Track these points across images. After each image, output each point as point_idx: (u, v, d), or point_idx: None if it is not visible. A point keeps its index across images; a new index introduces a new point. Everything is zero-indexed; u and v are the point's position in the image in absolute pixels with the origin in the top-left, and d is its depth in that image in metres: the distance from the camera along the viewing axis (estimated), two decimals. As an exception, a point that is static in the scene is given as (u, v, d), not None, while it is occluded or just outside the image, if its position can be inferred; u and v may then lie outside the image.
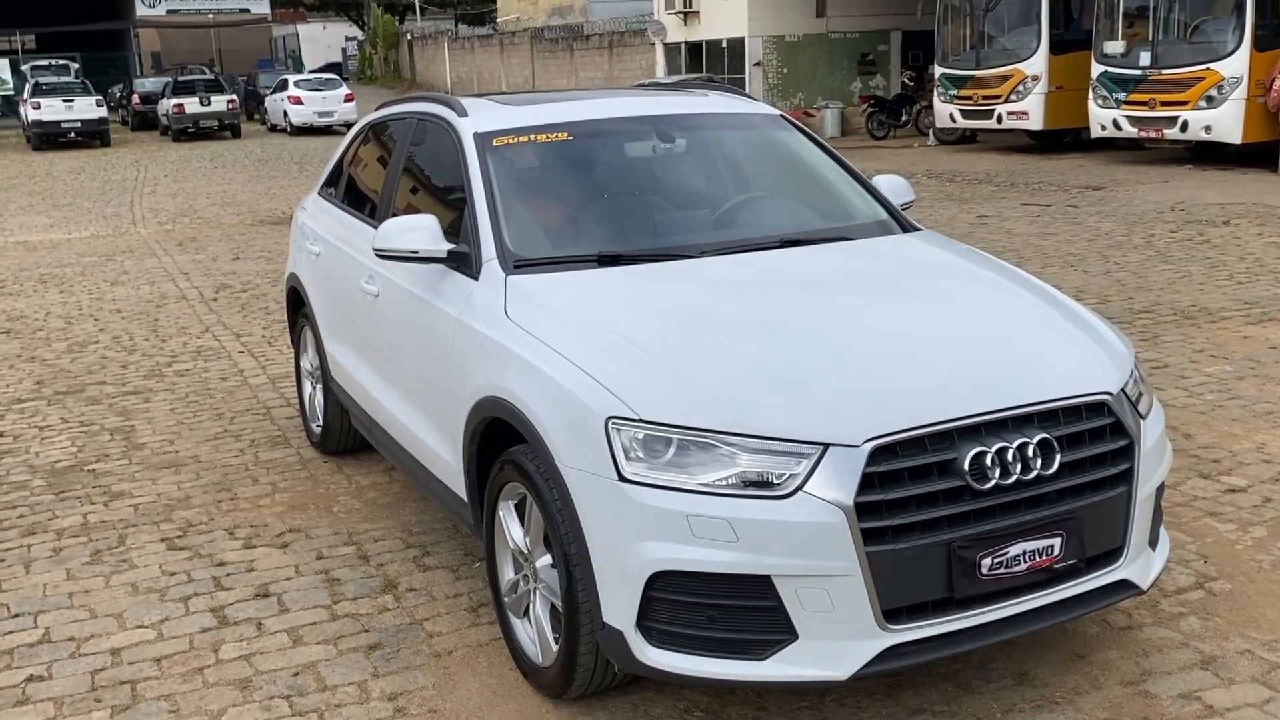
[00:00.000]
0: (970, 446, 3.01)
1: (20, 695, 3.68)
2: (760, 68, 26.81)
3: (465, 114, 4.43)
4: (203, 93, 31.80)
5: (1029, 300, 3.74)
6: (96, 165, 26.20)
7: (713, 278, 3.78)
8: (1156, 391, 6.35)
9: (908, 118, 24.99)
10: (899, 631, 2.97)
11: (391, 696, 3.58)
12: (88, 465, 5.95)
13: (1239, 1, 15.77)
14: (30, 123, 30.52)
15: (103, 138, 31.06)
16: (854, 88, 27.54)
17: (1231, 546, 4.43)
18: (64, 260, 13.40)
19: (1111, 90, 17.44)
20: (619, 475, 3.02)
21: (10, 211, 18.57)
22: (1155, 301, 8.61)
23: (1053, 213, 13.50)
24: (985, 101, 20.22)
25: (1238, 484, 5.03)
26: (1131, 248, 10.94)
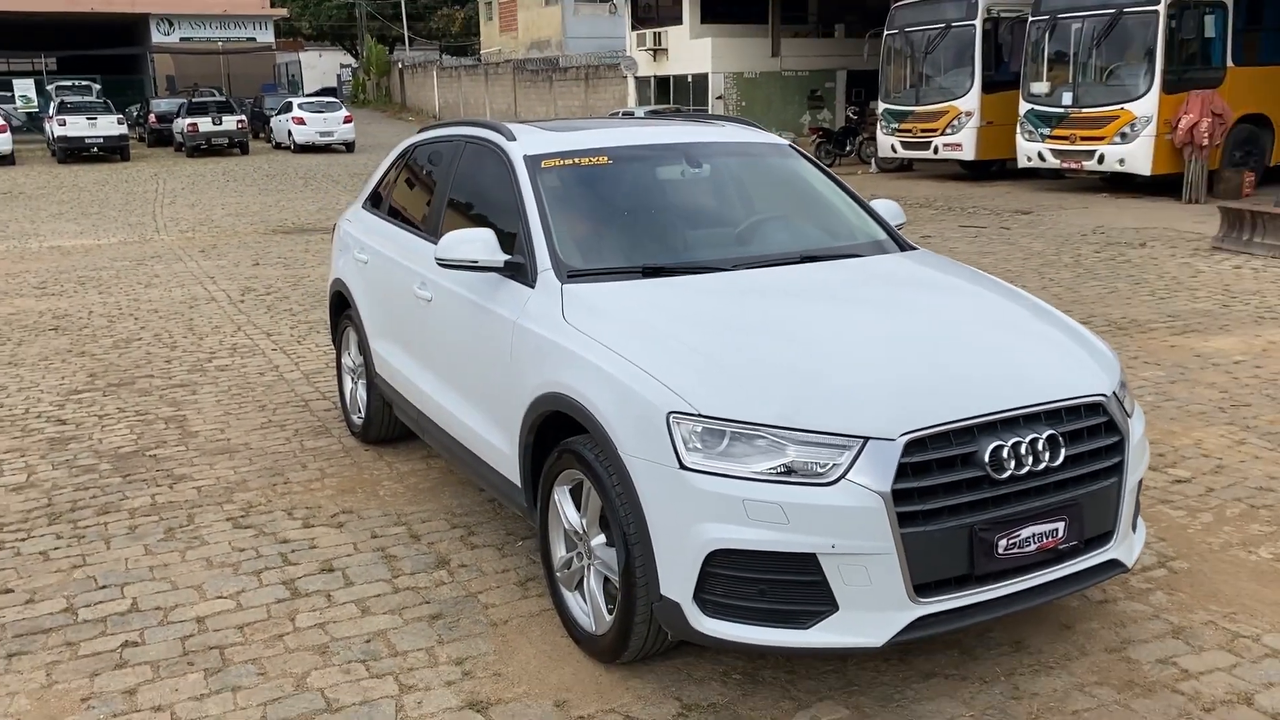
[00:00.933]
0: (990, 441, 3.06)
1: (119, 659, 3.63)
2: (722, 100, 26.90)
3: (514, 138, 4.43)
4: (215, 113, 31.39)
5: (1027, 311, 3.81)
6: (119, 178, 25.79)
7: (747, 288, 3.81)
8: (1102, 393, 6.47)
9: (852, 148, 25.14)
10: (927, 604, 3.02)
11: (459, 661, 3.58)
12: (148, 451, 5.87)
13: (1149, 49, 16.04)
14: (56, 138, 29.97)
15: (123, 153, 30.56)
16: (804, 120, 27.69)
17: (1184, 530, 4.52)
18: (98, 264, 13.19)
19: (1037, 126, 17.67)
20: (680, 464, 3.04)
21: (42, 219, 18.24)
22: (1090, 314, 8.75)
23: (988, 234, 13.66)
24: (923, 134, 20.40)
25: (1183, 475, 5.13)
26: (1062, 265, 11.10)
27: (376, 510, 4.93)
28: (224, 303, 10.41)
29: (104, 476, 5.48)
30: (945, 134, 19.98)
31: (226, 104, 32.67)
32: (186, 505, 5.04)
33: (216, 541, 4.59)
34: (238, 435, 6.12)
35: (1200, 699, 3.29)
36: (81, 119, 29.72)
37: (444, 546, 4.48)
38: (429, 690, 3.40)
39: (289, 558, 4.40)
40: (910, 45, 20.82)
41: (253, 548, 4.51)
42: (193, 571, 4.30)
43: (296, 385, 7.21)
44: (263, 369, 7.69)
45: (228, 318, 9.67)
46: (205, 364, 7.88)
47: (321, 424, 6.30)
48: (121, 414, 6.61)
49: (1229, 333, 7.95)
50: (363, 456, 5.70)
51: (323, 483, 5.32)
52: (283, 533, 4.68)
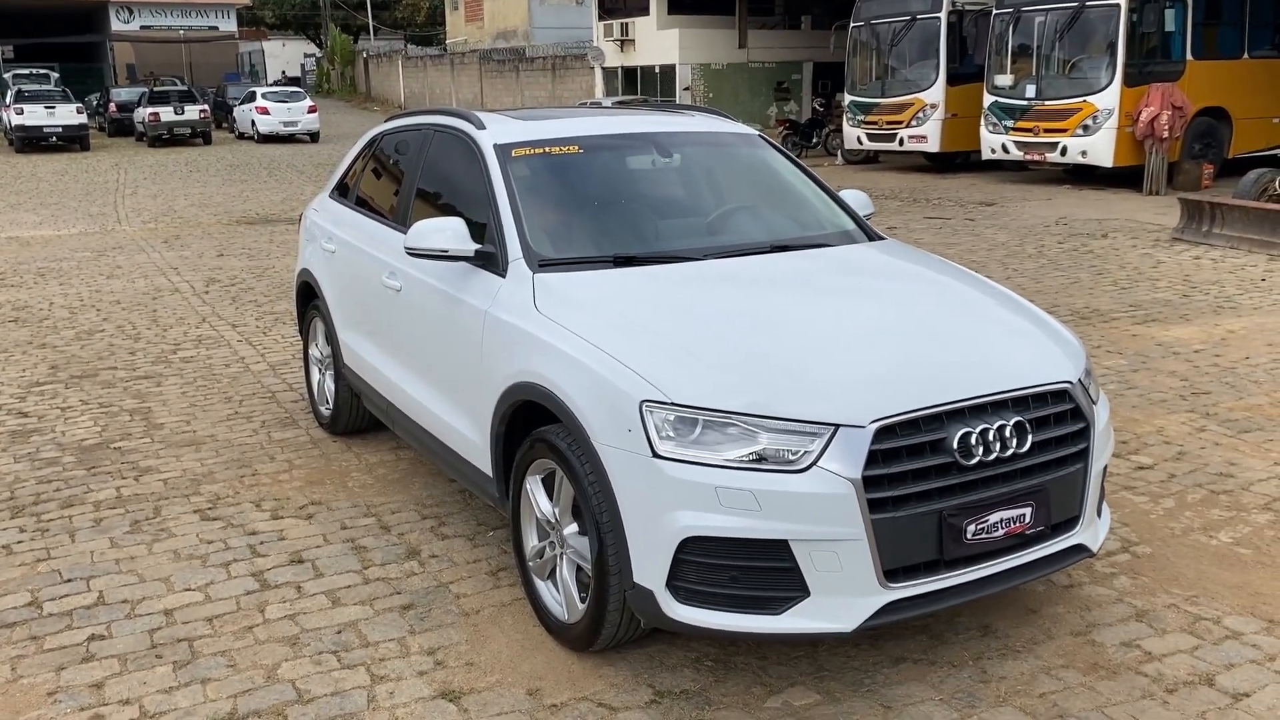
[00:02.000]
0: (958, 427, 3.09)
1: (85, 653, 3.59)
2: (689, 92, 26.90)
3: (484, 127, 4.40)
4: (177, 102, 30.94)
5: (994, 300, 3.85)
6: (78, 168, 25.39)
7: (718, 277, 3.82)
8: (1065, 382, 6.55)
9: (818, 140, 25.20)
10: (897, 589, 3.05)
11: (430, 651, 3.57)
12: (113, 443, 5.80)
13: (1111, 43, 16.22)
14: (13, 127, 29.42)
15: (82, 142, 30.08)
16: (771, 112, 27.76)
17: (1147, 516, 4.59)
18: (58, 255, 12.98)
19: (1001, 118, 17.82)
20: (653, 452, 3.04)
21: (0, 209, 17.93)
22: (1053, 304, 8.84)
23: (953, 225, 13.76)
24: (889, 126, 20.51)
25: (1145, 462, 5.21)
26: (1026, 256, 11.21)
27: (345, 502, 4.90)
28: (188, 294, 10.29)
29: (68, 469, 5.40)
30: (911, 126, 20.09)
31: (189, 93, 32.23)
32: (153, 498, 4.98)
33: (184, 534, 4.55)
34: (204, 427, 6.06)
35: (1163, 680, 3.34)
36: (39, 108, 29.21)
37: (414, 537, 4.46)
38: (401, 680, 3.39)
39: (258, 549, 4.37)
40: (876, 38, 20.91)
41: (221, 540, 4.47)
42: (160, 564, 4.25)
43: (263, 377, 7.15)
44: (228, 360, 7.62)
45: (192, 309, 9.56)
46: (170, 355, 7.79)
47: (289, 415, 6.25)
48: (85, 406, 6.52)
49: (1189, 322, 8.06)
50: (331, 448, 5.66)
51: (291, 474, 5.28)
52: (251, 524, 4.64)
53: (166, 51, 45.32)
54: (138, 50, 45.10)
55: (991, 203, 15.92)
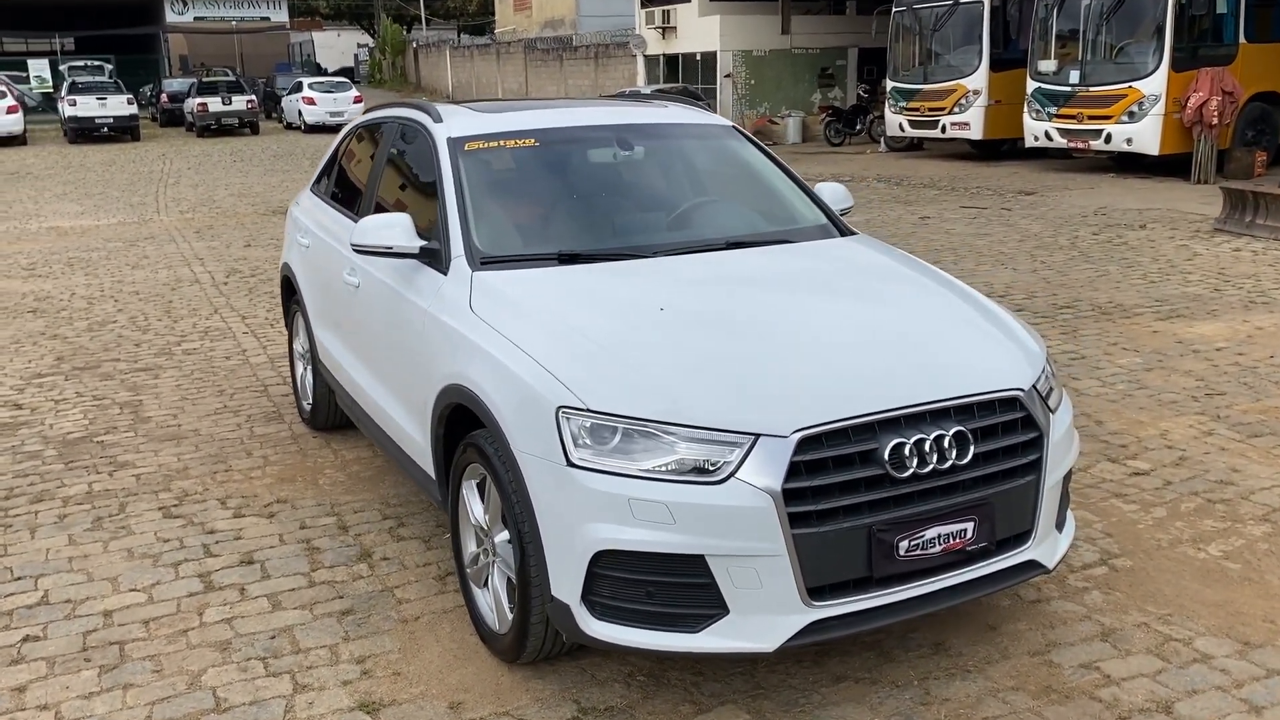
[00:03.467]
0: (890, 438, 2.93)
1: (15, 655, 3.56)
2: (730, 79, 26.61)
3: (440, 120, 4.30)
4: (225, 93, 31.35)
5: (950, 301, 3.65)
6: (126, 158, 25.82)
7: (662, 276, 3.68)
8: (1073, 382, 6.30)
9: (862, 126, 24.89)
10: (822, 607, 2.89)
11: (360, 659, 3.48)
12: (97, 437, 5.81)
13: (1159, 26, 15.70)
14: (67, 118, 30.04)
15: (133, 133, 30.60)
16: (814, 99, 27.37)
17: (1134, 526, 4.37)
18: (91, 245, 13.16)
19: (1044, 105, 17.36)
20: (567, 461, 2.92)
21: (46, 199, 18.26)
22: (1076, 298, 8.55)
23: (988, 215, 13.43)
24: (931, 113, 20.12)
25: (1142, 468, 4.97)
26: (1057, 248, 10.88)
27: (312, 500, 4.84)
28: (207, 285, 10.35)
29: (46, 463, 5.42)
30: (953, 113, 19.69)
31: (237, 84, 32.64)
32: (121, 494, 4.97)
33: (143, 532, 4.52)
34: (189, 421, 6.05)
35: (1118, 706, 3.15)
36: (92, 99, 29.77)
37: (370, 539, 4.39)
38: (323, 690, 3.31)
39: (211, 549, 4.32)
40: (919, 22, 20.51)
41: (178, 539, 4.44)
42: (112, 563, 4.22)
43: (260, 370, 7.14)
44: (230, 353, 7.62)
45: (207, 300, 9.61)
46: (174, 348, 7.82)
47: (276, 410, 6.22)
48: (79, 399, 6.55)
49: (1216, 318, 7.74)
50: (310, 444, 5.62)
51: (264, 471, 5.24)
52: (212, 523, 4.60)
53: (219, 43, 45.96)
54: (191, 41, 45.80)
55: (1031, 191, 15.52)
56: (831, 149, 24.47)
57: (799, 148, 25.18)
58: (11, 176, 22.14)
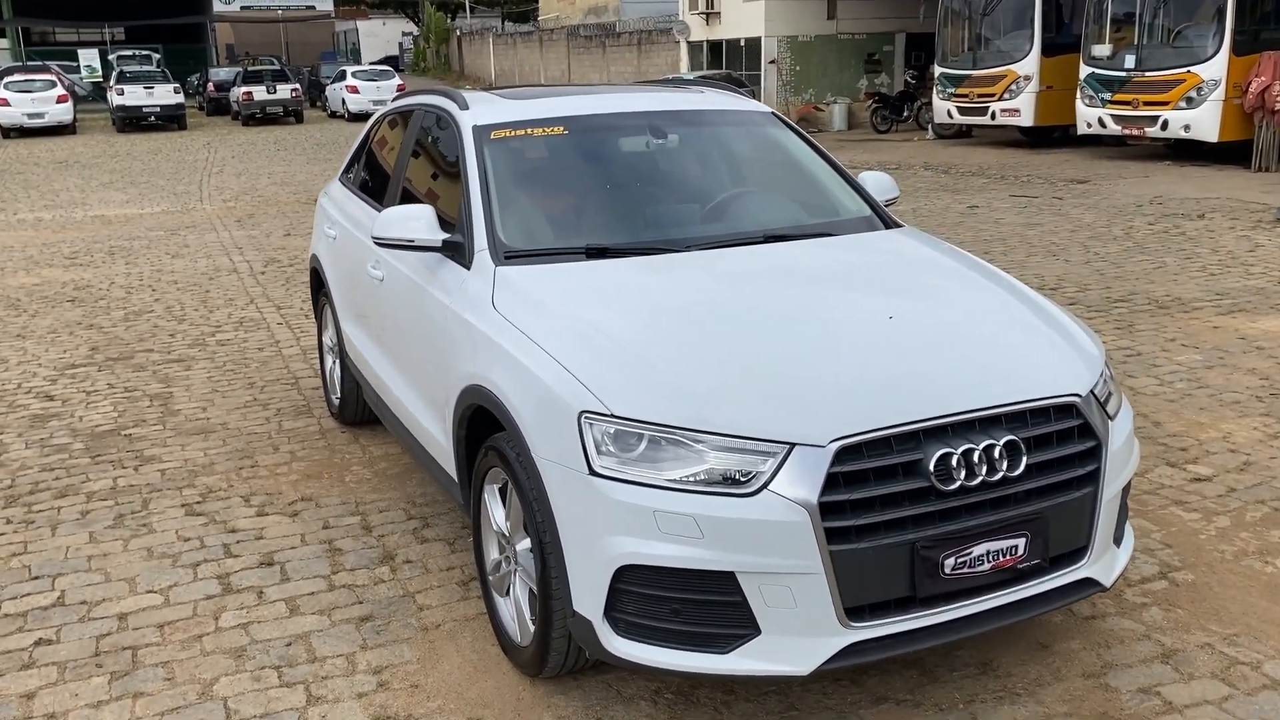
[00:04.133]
0: (936, 448, 2.72)
1: (27, 659, 3.47)
2: (775, 65, 26.26)
3: (466, 107, 4.14)
4: (270, 81, 31.52)
5: (1003, 299, 3.43)
6: (172, 146, 26.03)
7: (695, 272, 3.49)
8: (1129, 380, 6.03)
9: (909, 113, 24.46)
10: (860, 629, 2.70)
11: (377, 670, 3.35)
12: (125, 430, 5.74)
13: (1219, 8, 15.19)
14: (115, 107, 30.36)
15: (179, 121, 30.87)
16: (860, 85, 26.95)
17: (1195, 536, 4.12)
18: (134, 234, 13.21)
19: (1098, 90, 16.90)
20: (590, 469, 2.75)
21: (93, 188, 18.42)
22: (1131, 291, 8.24)
23: (1039, 204, 13.06)
24: (980, 99, 19.69)
25: (1203, 473, 4.71)
26: (1111, 239, 10.53)
27: (337, 498, 4.72)
28: (245, 274, 10.32)
29: (73, 457, 5.35)
30: (1003, 99, 19.25)
31: (282, 72, 32.80)
32: (146, 489, 4.88)
33: (164, 530, 4.42)
34: (218, 414, 5.97)
35: (1180, 737, 2.94)
36: (139, 88, 30.06)
37: (394, 540, 4.26)
38: (337, 702, 3.18)
39: (231, 549, 4.22)
40: (968, 6, 20.07)
41: (198, 537, 4.34)
42: (131, 563, 4.13)
43: (292, 362, 7.05)
44: (263, 344, 7.55)
45: (244, 289, 9.56)
46: (208, 338, 7.76)
47: (306, 403, 6.12)
48: (110, 390, 6.50)
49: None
50: (338, 439, 5.51)
51: (290, 467, 5.14)
52: (234, 521, 4.49)
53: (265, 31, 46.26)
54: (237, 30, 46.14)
55: (1083, 180, 15.10)
56: (878, 136, 24.08)
57: (844, 135, 24.80)
58: (60, 165, 22.40)
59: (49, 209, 15.85)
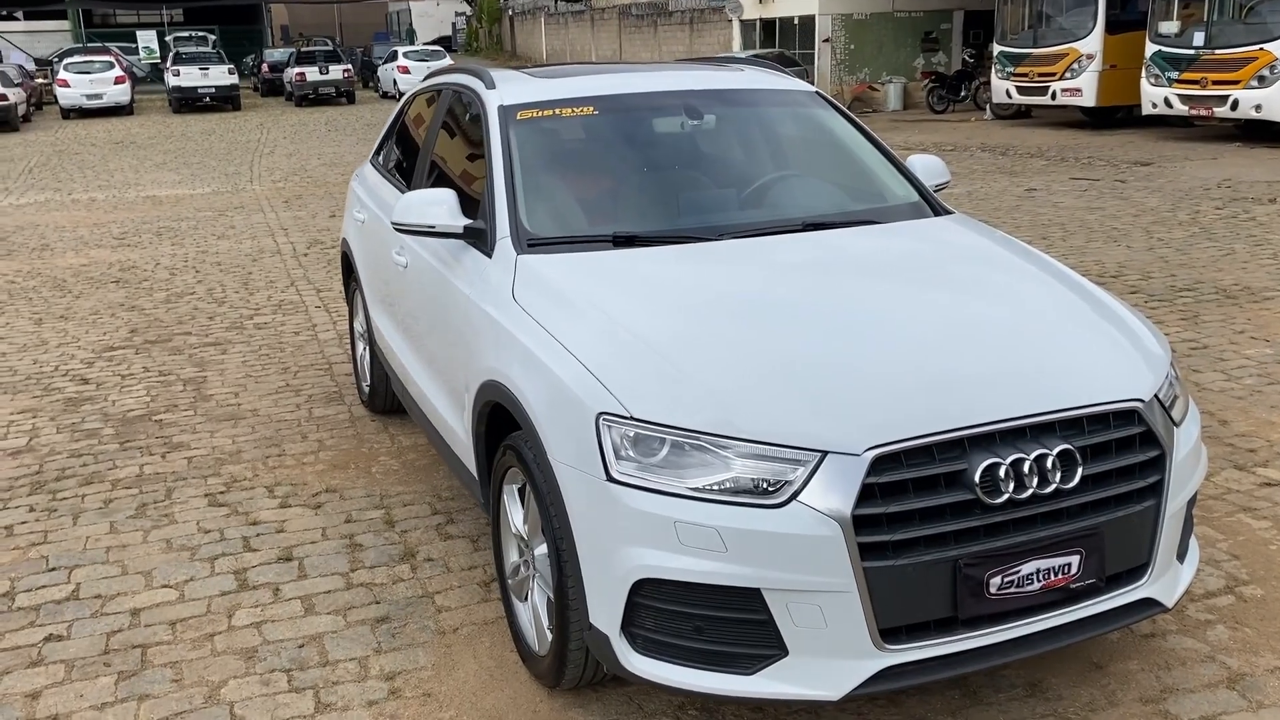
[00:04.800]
0: (983, 457, 2.51)
1: (36, 655, 3.37)
2: (829, 44, 25.77)
3: (493, 86, 3.97)
4: (322, 62, 31.63)
5: (1060, 294, 3.18)
6: (226, 127, 26.21)
7: (728, 262, 3.29)
8: (1193, 375, 5.71)
9: (967, 93, 23.89)
10: (897, 652, 2.50)
11: (389, 676, 3.21)
12: (156, 415, 5.68)
13: (1296, -17, 14.56)
14: (171, 88, 30.68)
15: (234, 102, 31.10)
16: (917, 64, 26.36)
17: (1265, 547, 3.85)
18: (182, 215, 13.25)
19: (1164, 69, 16.31)
20: (607, 475, 2.57)
21: (146, 168, 18.57)
22: (1197, 279, 7.87)
23: (1100, 187, 12.61)
24: (1040, 79, 19.12)
25: (1274, 477, 4.42)
26: (1176, 224, 10.11)
27: (361, 490, 4.60)
28: (288, 256, 10.27)
29: (103, 443, 5.29)
30: (1064, 78, 18.68)
31: (334, 53, 32.91)
32: (171, 478, 4.80)
33: (185, 520, 4.33)
34: (250, 400, 5.88)
35: (1248, 773, 2.70)
36: (194, 69, 30.31)
37: (416, 536, 4.12)
38: (346, 710, 3.04)
39: (251, 543, 4.10)
40: (1030, -18, 19.49)
41: (219, 529, 4.23)
42: (149, 555, 4.03)
43: (327, 347, 6.96)
44: (299, 328, 7.47)
45: (285, 272, 9.51)
46: (246, 321, 7.70)
47: (338, 390, 6.02)
48: (145, 374, 6.45)
49: (1358, 304, 7.01)
50: (367, 428, 5.39)
51: (317, 456, 5.02)
52: (256, 513, 4.39)
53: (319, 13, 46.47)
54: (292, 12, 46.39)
55: (1148, 162, 14.57)
56: (934, 117, 23.53)
57: (900, 115, 24.29)
58: (117, 146, 22.63)
59: (103, 189, 15.99)
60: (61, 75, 29.27)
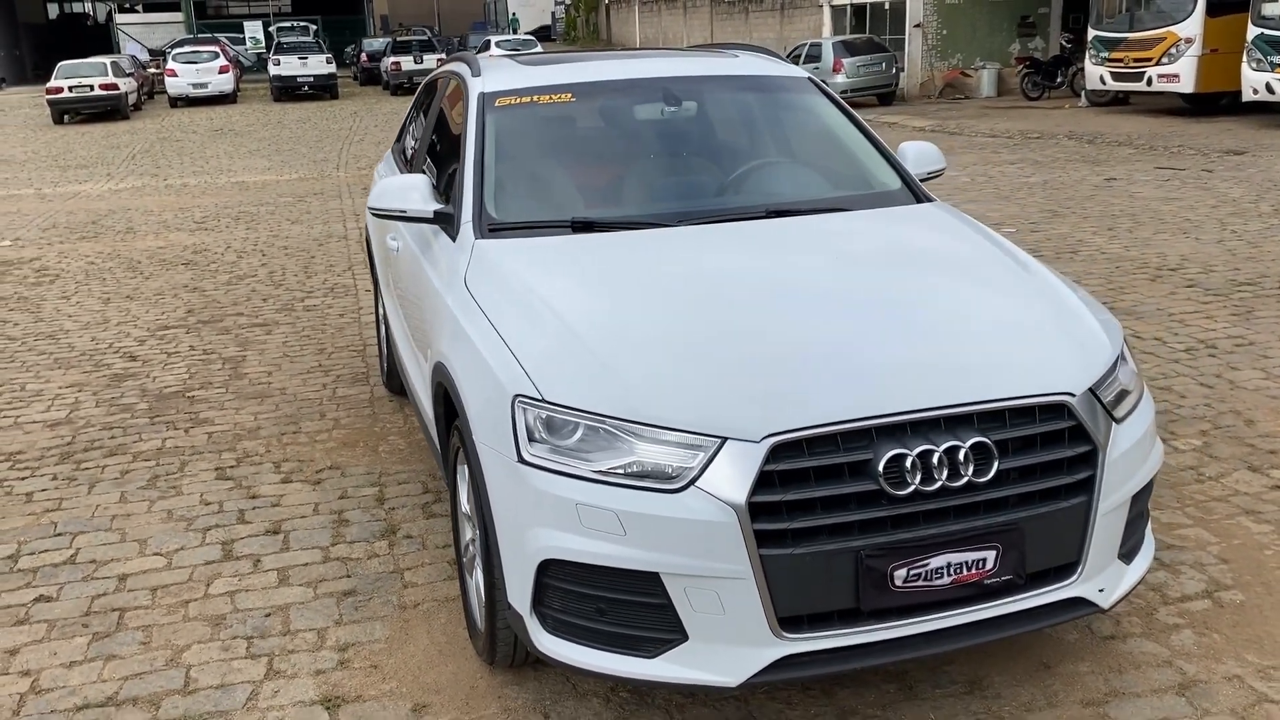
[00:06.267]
0: (889, 447, 2.47)
1: (23, 615, 3.57)
2: (920, 29, 25.24)
3: (478, 74, 4.03)
4: (416, 52, 32.24)
5: (1006, 287, 3.10)
6: (321, 116, 26.92)
7: (675, 249, 3.29)
8: (1230, 371, 5.49)
9: (1063, 79, 23.12)
10: (796, 641, 2.49)
11: (343, 647, 3.31)
12: (190, 392, 5.91)
13: None
14: (272, 77, 31.62)
15: (331, 91, 31.90)
16: (1012, 49, 25.63)
17: (1260, 551, 3.69)
18: (264, 200, 13.69)
19: (1267, 53, 15.56)
20: (519, 456, 2.62)
21: (240, 155, 19.22)
22: (1262, 274, 7.52)
23: (1184, 177, 12.12)
24: (1136, 64, 18.41)
25: (1288, 480, 4.23)
26: (1255, 216, 9.66)
27: (363, 468, 4.72)
28: (352, 241, 10.54)
29: (135, 417, 5.54)
30: (1161, 64, 17.96)
31: (429, 43, 33.51)
32: (188, 451, 5.00)
33: (190, 492, 4.52)
34: (280, 379, 6.08)
35: (1175, 782, 2.61)
36: (294, 59, 31.19)
37: (401, 514, 4.22)
38: (294, 679, 3.15)
39: (245, 515, 4.26)
40: (1127, -36, 18.78)
41: (218, 502, 4.40)
42: (149, 524, 4.22)
43: (366, 329, 7.14)
44: (345, 311, 7.68)
45: (346, 256, 9.76)
46: (297, 304, 7.95)
47: (365, 371, 6.18)
48: (191, 352, 6.71)
49: None
50: (384, 408, 5.52)
51: (330, 434, 5.18)
52: (258, 487, 4.55)
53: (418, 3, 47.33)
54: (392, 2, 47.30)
55: (1241, 151, 13.94)
56: (1028, 103, 22.86)
57: (992, 102, 23.67)
58: (216, 133, 23.47)
59: (196, 175, 16.62)
60: (170, 65, 30.46)
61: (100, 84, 26.32)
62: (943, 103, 24.29)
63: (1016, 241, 9.03)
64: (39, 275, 9.34)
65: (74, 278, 9.19)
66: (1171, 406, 5.06)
